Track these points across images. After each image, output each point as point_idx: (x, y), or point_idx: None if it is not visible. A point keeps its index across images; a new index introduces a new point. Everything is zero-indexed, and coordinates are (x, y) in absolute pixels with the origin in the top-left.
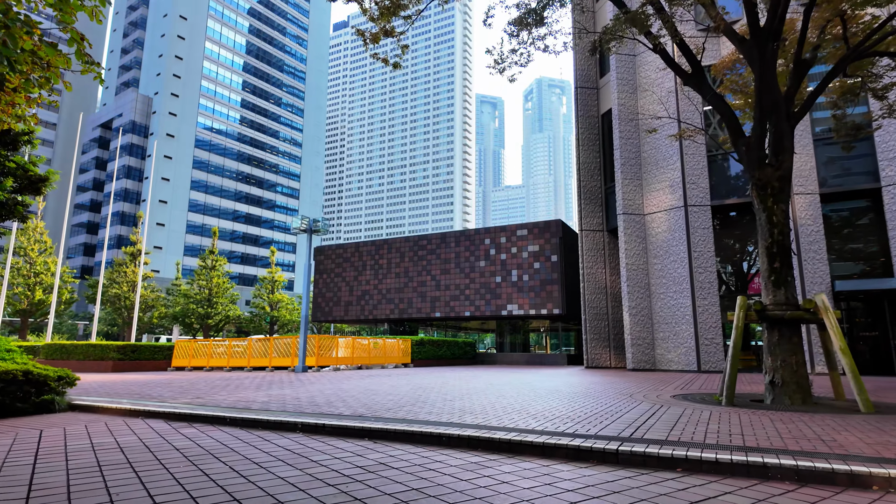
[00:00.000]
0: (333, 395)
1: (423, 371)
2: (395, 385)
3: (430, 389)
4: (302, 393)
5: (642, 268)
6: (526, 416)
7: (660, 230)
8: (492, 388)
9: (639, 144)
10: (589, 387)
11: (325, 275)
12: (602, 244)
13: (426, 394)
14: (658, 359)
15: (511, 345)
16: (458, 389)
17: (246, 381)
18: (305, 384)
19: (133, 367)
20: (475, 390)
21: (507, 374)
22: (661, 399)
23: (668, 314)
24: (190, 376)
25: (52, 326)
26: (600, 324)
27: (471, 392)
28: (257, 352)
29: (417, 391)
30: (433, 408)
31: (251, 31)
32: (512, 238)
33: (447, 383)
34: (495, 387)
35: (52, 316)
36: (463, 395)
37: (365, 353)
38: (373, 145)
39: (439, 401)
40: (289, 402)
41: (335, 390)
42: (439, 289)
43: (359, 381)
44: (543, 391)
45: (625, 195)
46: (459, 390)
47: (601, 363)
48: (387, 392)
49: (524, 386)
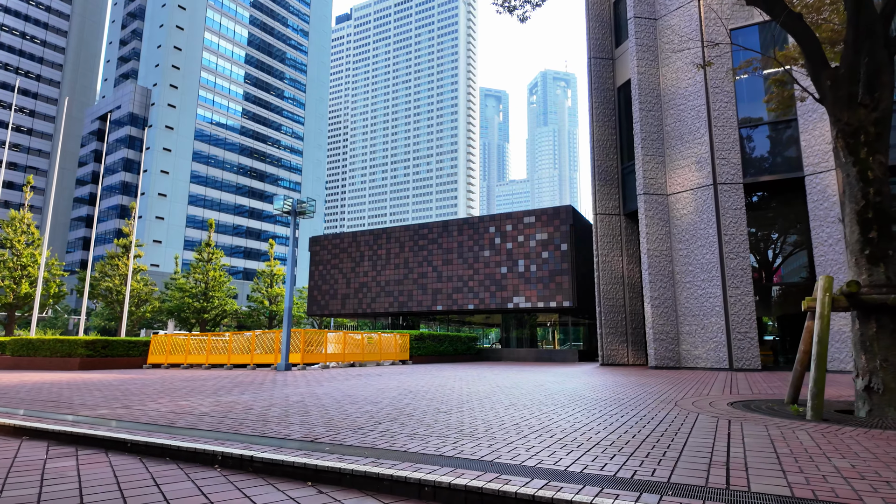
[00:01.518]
0: (300, 402)
1: (421, 369)
2: (382, 388)
3: (424, 394)
4: (262, 399)
5: (665, 254)
6: (550, 440)
7: (685, 212)
8: (499, 392)
9: (661, 117)
10: (616, 390)
11: (320, 266)
12: (618, 229)
13: (417, 401)
14: (683, 355)
15: (518, 340)
16: (457, 394)
17: (210, 383)
18: (278, 386)
19: (103, 365)
20: (478, 395)
21: (514, 372)
22: (720, 410)
23: (694, 305)
24: (155, 375)
25: (38, 321)
26: (617, 317)
27: (473, 398)
28: (239, 348)
29: (407, 397)
30: (421, 424)
31: (251, 21)
32: (518, 226)
33: (445, 385)
34: (503, 391)
35: (35, 310)
36: (463, 402)
37: (358, 349)
38: (376, 139)
39: (431, 412)
40: (236, 412)
41: (306, 395)
42: (441, 280)
43: (343, 381)
44: (563, 397)
45: (646, 173)
46: (459, 396)
47: (618, 360)
48: (369, 398)
49: (537, 389)
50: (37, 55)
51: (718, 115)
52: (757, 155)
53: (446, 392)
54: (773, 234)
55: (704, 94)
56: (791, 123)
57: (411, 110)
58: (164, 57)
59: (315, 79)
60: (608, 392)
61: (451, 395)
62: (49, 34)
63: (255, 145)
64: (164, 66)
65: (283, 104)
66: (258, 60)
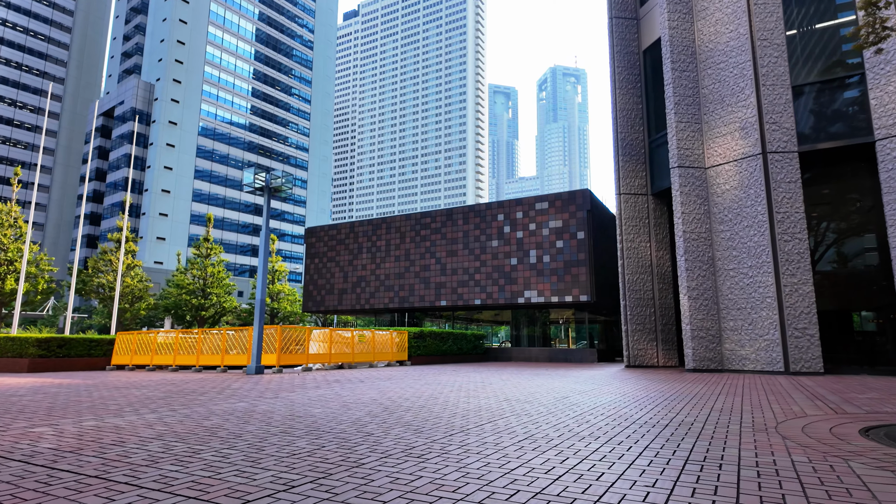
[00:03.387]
0: (214, 427)
1: (417, 372)
2: (353, 401)
3: (403, 413)
4: (170, 421)
5: (704, 237)
6: None
7: (728, 187)
8: (508, 410)
9: (696, 79)
10: (668, 406)
11: (316, 259)
12: (645, 211)
13: (387, 426)
14: (727, 356)
15: (529, 338)
16: (448, 414)
17: (149, 391)
18: (223, 397)
19: (58, 367)
20: (479, 417)
21: (527, 376)
22: (866, 448)
23: (740, 297)
24: (107, 379)
25: (34, 319)
26: (644, 311)
27: (470, 422)
28: (210, 347)
29: (378, 418)
30: (367, 484)
31: (255, 15)
32: (530, 213)
33: (438, 397)
34: (514, 407)
35: (17, 306)
36: (453, 430)
37: (347, 348)
38: (384, 136)
39: (399, 451)
40: (86, 454)
41: (239, 413)
42: (445, 273)
43: (312, 390)
44: (601, 419)
45: (680, 144)
46: (451, 417)
47: (646, 361)
48: (321, 419)
49: (561, 405)
50: (41, 52)
51: (767, 73)
52: (814, 118)
53: (436, 409)
54: (830, 213)
55: (750, 49)
56: (857, 79)
57: (419, 107)
58: (167, 51)
59: (321, 74)
60: (659, 410)
61: (440, 414)
62: (53, 30)
63: (260, 141)
64: (167, 60)
65: (289, 99)
66: (263, 55)
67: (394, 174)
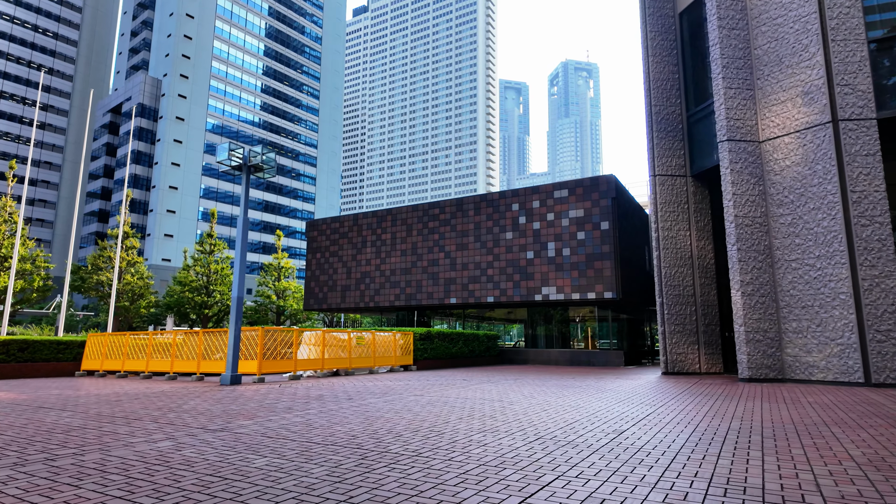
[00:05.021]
0: None
1: (423, 382)
2: (320, 442)
3: (386, 481)
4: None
5: (759, 222)
6: None
7: (788, 163)
8: (548, 460)
9: (748, 37)
10: (768, 437)
11: (318, 254)
12: (684, 195)
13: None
14: (789, 363)
15: (546, 338)
16: (462, 475)
17: (48, 421)
18: (136, 433)
19: (19, 372)
20: (509, 481)
21: (554, 389)
22: None
23: (805, 292)
24: (39, 393)
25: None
26: (684, 310)
27: (493, 498)
28: (187, 351)
29: (346, 495)
30: None
31: (263, 9)
32: (548, 201)
33: (444, 431)
34: (556, 454)
35: (7, 305)
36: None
37: (343, 352)
38: (394, 132)
39: None
40: None
41: (112, 476)
42: (455, 268)
43: (276, 416)
44: (702, 485)
45: (730, 114)
46: (464, 487)
47: (687, 367)
48: (247, 499)
49: (620, 447)
50: (49, 48)
51: (838, 26)
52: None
53: (436, 461)
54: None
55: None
56: None
57: (429, 102)
58: (174, 46)
59: (330, 69)
60: (762, 448)
61: (443, 475)
62: (62, 27)
63: (269, 137)
64: (174, 55)
65: (298, 95)
66: (271, 50)
67: (404, 170)
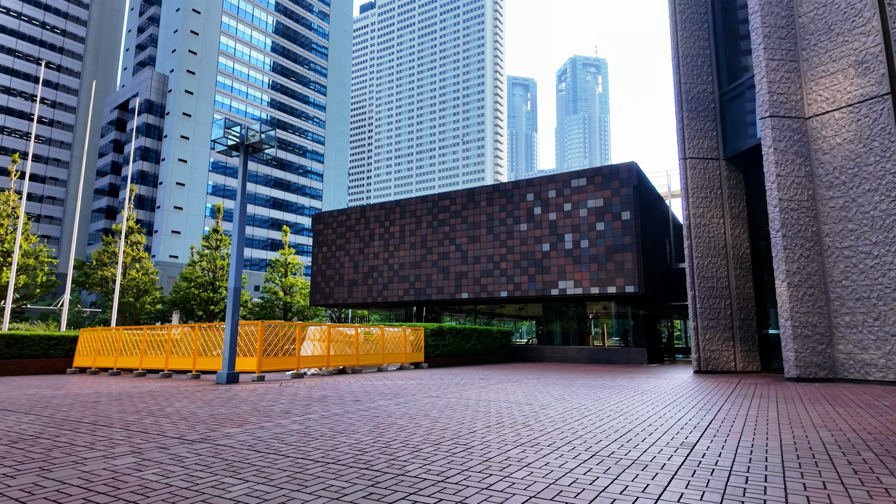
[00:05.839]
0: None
1: (436, 382)
2: (319, 459)
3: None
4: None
5: (806, 206)
6: None
7: (839, 140)
8: (613, 481)
9: (792, 3)
10: (880, 452)
11: (324, 248)
12: (717, 179)
13: None
14: (842, 361)
15: (563, 335)
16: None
17: (29, 423)
18: (96, 446)
19: (6, 369)
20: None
21: (584, 390)
22: None
23: (860, 283)
24: (12, 392)
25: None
26: (718, 303)
27: None
28: (183, 347)
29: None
30: None
31: (270, 4)
32: (565, 191)
33: (472, 445)
34: (613, 468)
35: (8, 300)
36: None
37: (350, 348)
38: (401, 128)
39: None
40: None
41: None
42: (466, 262)
43: (272, 422)
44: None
45: (772, 88)
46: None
47: (721, 365)
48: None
49: (691, 456)
50: (57, 45)
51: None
52: None
53: (469, 495)
54: None
55: None
56: None
57: (436, 99)
58: (180, 42)
59: (337, 64)
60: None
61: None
62: (69, 23)
63: (276, 132)
64: (180, 51)
65: (305, 90)
66: (279, 45)
67: (411, 167)
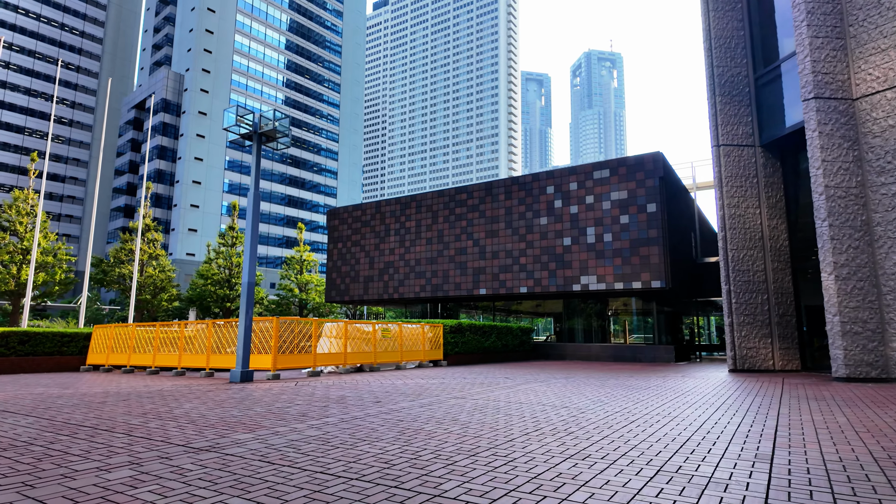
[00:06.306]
0: None
1: (459, 381)
2: (341, 474)
3: None
4: None
5: (855, 193)
6: None
7: (892, 122)
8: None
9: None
10: None
11: (339, 243)
12: (752, 167)
13: None
14: (895, 360)
15: (585, 332)
16: None
17: (24, 428)
18: (92, 455)
19: (18, 367)
20: None
21: (621, 391)
22: None
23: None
24: (29, 392)
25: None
26: (755, 298)
27: None
28: (196, 344)
29: None
30: None
31: (284, 2)
32: (587, 183)
33: (506, 445)
34: (689, 490)
35: (27, 297)
36: None
37: (367, 345)
38: (414, 125)
39: None
40: None
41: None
42: (484, 257)
43: (286, 427)
44: None
45: (816, 67)
46: None
47: (759, 363)
48: None
49: (779, 476)
50: (76, 46)
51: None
52: None
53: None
54: None
55: None
56: None
57: (450, 95)
58: (195, 41)
59: (350, 61)
60: None
61: None
62: (87, 25)
63: (292, 131)
64: (195, 50)
65: (319, 88)
66: (293, 43)
67: (424, 163)
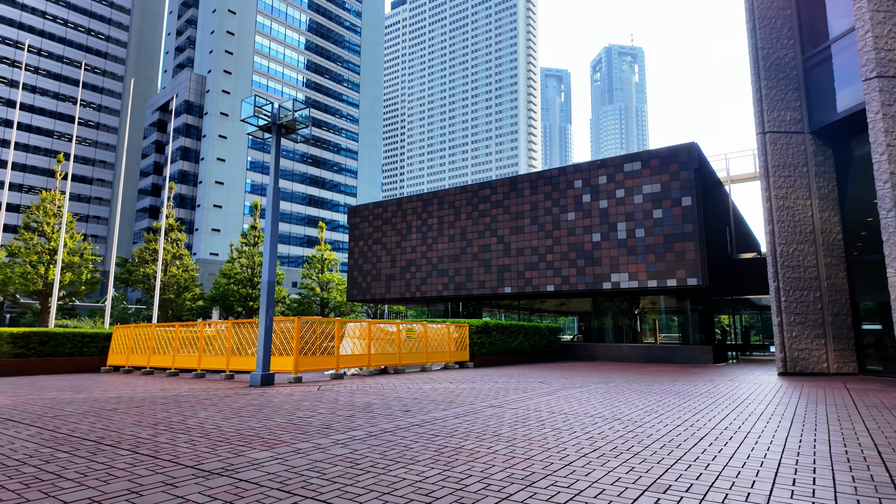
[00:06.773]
0: None
1: (490, 385)
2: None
3: None
4: None
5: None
6: None
7: None
8: None
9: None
10: None
11: (360, 241)
12: (802, 156)
13: None
14: None
15: (615, 332)
16: None
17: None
18: (85, 483)
19: (38, 368)
20: None
21: (665, 395)
22: None
23: None
24: (18, 399)
25: (91, 311)
26: (807, 296)
27: None
28: (216, 346)
29: None
30: None
31: (303, 2)
32: (617, 176)
33: (565, 472)
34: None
35: (54, 297)
36: None
37: (392, 346)
38: (433, 123)
39: None
40: None
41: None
42: (509, 254)
43: (310, 442)
44: None
45: (878, 43)
46: None
47: (811, 366)
48: None
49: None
50: (102, 50)
51: None
52: None
53: None
54: None
55: None
56: None
57: (469, 92)
58: (217, 42)
59: (369, 60)
60: None
61: None
62: (112, 29)
63: (312, 131)
64: (217, 51)
65: (339, 87)
66: (312, 43)
67: (444, 161)
